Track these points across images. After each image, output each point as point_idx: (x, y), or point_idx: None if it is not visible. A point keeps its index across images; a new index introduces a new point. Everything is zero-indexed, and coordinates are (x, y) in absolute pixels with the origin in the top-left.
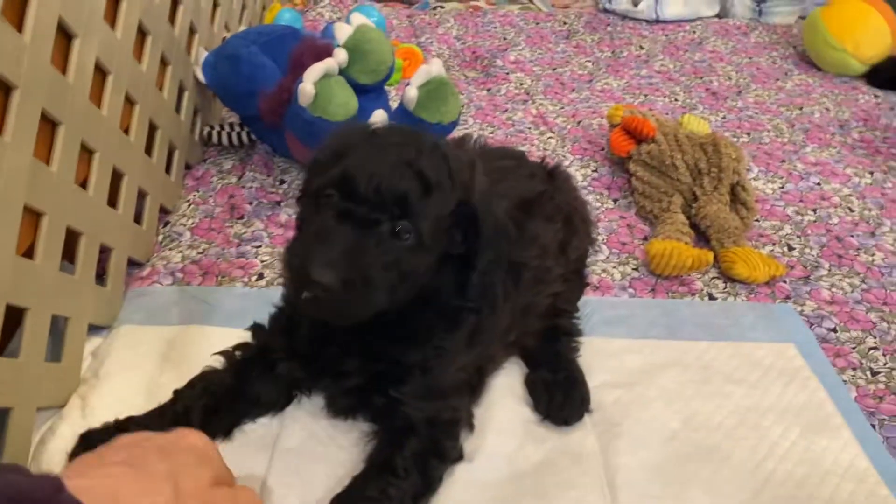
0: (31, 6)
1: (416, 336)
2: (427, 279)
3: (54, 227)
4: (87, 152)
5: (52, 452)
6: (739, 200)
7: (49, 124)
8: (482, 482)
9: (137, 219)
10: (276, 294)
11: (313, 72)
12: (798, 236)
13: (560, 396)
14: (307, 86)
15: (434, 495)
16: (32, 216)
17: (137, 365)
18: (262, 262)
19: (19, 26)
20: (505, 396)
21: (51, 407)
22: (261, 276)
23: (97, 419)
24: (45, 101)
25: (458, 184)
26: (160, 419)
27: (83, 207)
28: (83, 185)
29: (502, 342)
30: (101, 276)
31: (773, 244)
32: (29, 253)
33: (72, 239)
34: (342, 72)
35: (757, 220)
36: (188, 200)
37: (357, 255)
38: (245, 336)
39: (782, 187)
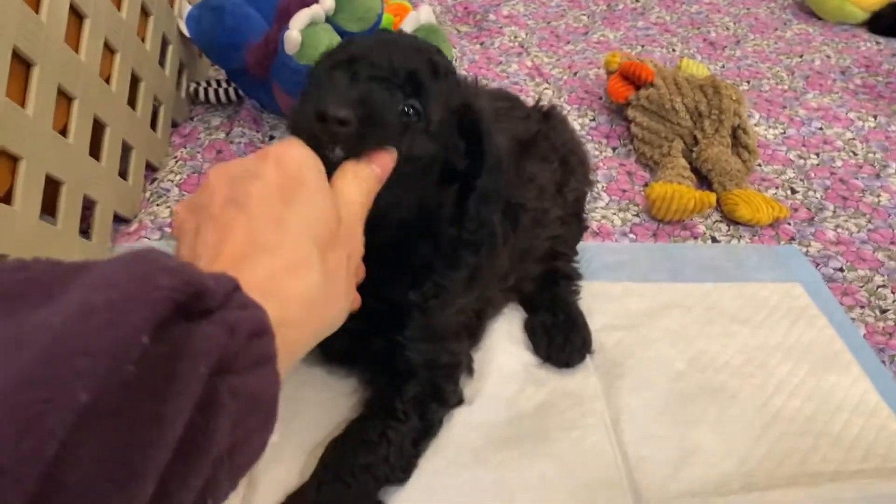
0: None
1: (415, 274)
2: (428, 194)
3: (32, 173)
4: (65, 98)
5: None
6: (741, 143)
7: (23, 65)
8: (482, 424)
9: (123, 175)
10: None
11: (299, 19)
12: (801, 180)
13: (560, 339)
14: (293, 33)
15: (434, 438)
16: (9, 161)
17: None
18: None
19: None
20: (504, 341)
21: None
22: None
23: None
24: (16, 39)
25: (463, 86)
26: None
27: (63, 155)
28: (63, 133)
29: (501, 286)
30: (86, 233)
31: (776, 188)
32: (6, 200)
33: (53, 191)
34: (329, 19)
35: (759, 165)
36: (175, 157)
37: (370, 101)
38: None
39: (784, 133)
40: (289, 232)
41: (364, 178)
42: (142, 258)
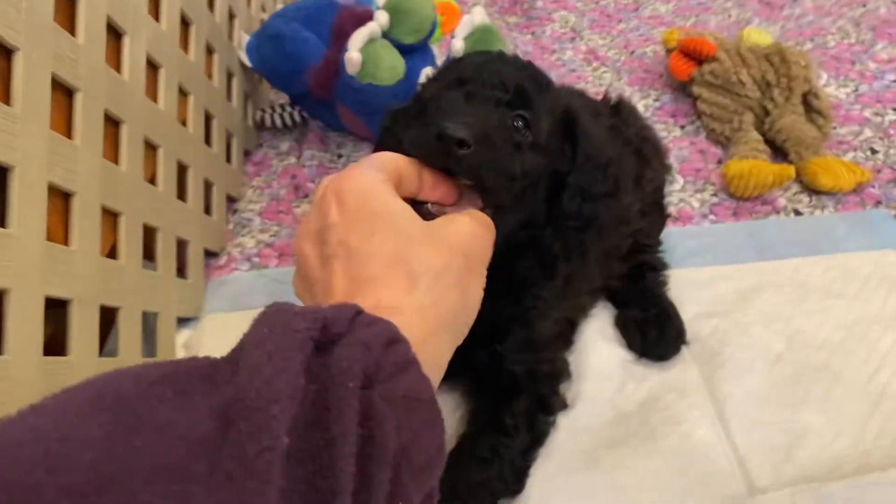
0: (80, 8)
1: (515, 287)
2: (536, 207)
3: (132, 225)
4: (151, 148)
5: None
6: (814, 109)
7: (112, 124)
8: (588, 427)
9: (207, 210)
10: None
11: (357, 38)
12: (880, 138)
13: (654, 333)
14: (353, 54)
15: (542, 448)
16: (110, 217)
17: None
18: None
19: (72, 30)
20: (597, 341)
21: None
22: None
23: None
24: (105, 101)
25: (564, 97)
26: None
27: (155, 203)
28: (152, 181)
29: (590, 290)
30: (181, 271)
31: (855, 150)
32: (112, 254)
33: (149, 237)
34: (385, 35)
35: (834, 128)
36: (252, 186)
37: (486, 119)
38: None
39: (856, 90)
40: (378, 261)
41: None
42: (275, 311)
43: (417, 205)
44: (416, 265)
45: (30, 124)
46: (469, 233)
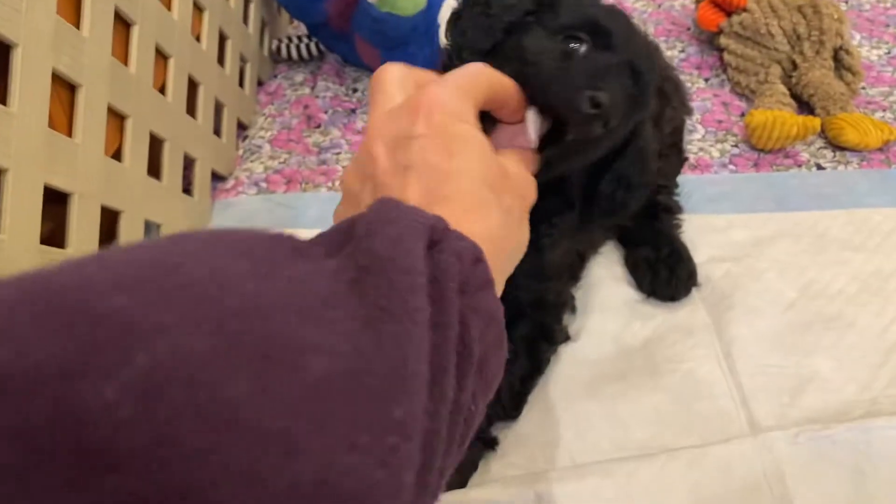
0: None
1: (533, 217)
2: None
3: (139, 130)
4: (162, 57)
5: None
6: (844, 65)
7: (123, 24)
8: (589, 359)
9: (217, 133)
10: None
11: None
12: None
13: (665, 272)
14: None
15: (542, 376)
16: (117, 119)
17: None
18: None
19: None
20: (605, 279)
21: None
22: None
23: None
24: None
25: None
26: None
27: (164, 113)
28: (162, 91)
29: (603, 227)
30: (188, 191)
31: (884, 110)
32: (117, 157)
33: (156, 149)
34: None
35: (863, 88)
36: (264, 114)
37: (618, 93)
38: None
39: (889, 52)
40: (457, 182)
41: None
42: (393, 202)
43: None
44: (492, 196)
45: (36, 1)
46: (526, 177)
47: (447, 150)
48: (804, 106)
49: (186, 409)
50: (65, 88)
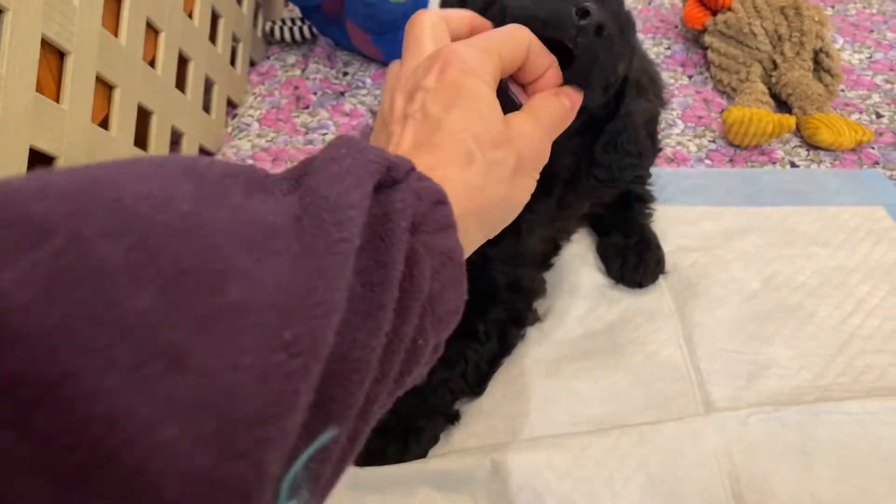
0: None
1: None
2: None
3: (126, 100)
4: (152, 31)
5: None
6: (823, 67)
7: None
8: (554, 339)
9: (207, 110)
10: None
11: None
12: (888, 104)
13: (633, 259)
14: None
15: (509, 357)
16: (105, 88)
17: None
18: None
19: None
20: (576, 263)
21: None
22: None
23: None
24: None
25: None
26: None
27: (152, 85)
28: (152, 65)
29: (578, 215)
30: None
31: (860, 112)
32: (105, 126)
33: (144, 121)
34: None
35: (842, 90)
36: (254, 93)
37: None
38: None
39: (870, 57)
40: (447, 132)
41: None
42: (349, 140)
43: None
44: (477, 149)
45: None
46: (532, 135)
47: (447, 103)
48: (783, 105)
49: (83, 308)
50: (54, 55)
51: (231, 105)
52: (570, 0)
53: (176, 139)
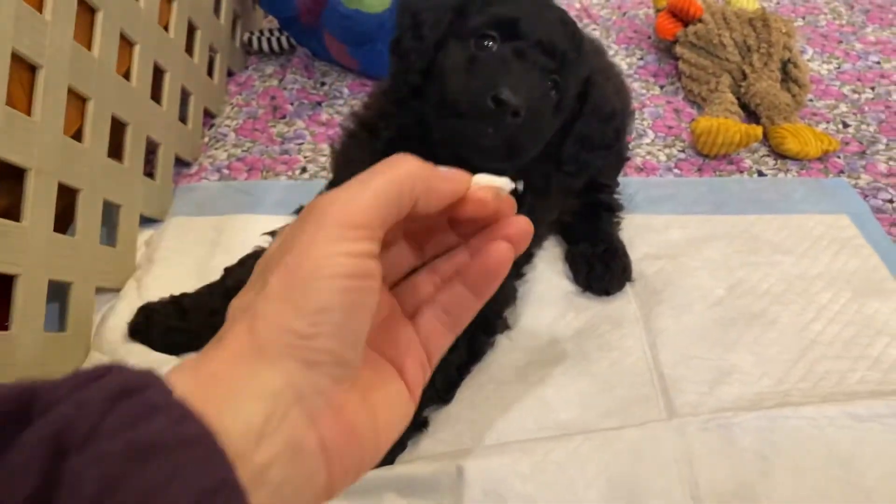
0: None
1: None
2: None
3: (100, 112)
4: (127, 43)
5: (112, 328)
6: (791, 78)
7: (87, 10)
8: (522, 347)
9: (183, 120)
10: (319, 185)
11: None
12: (854, 114)
13: (600, 267)
14: None
15: (477, 364)
16: (78, 101)
17: (189, 251)
18: (305, 157)
19: None
20: (545, 272)
21: (109, 290)
22: (304, 170)
23: (153, 297)
24: None
25: (591, 60)
26: (210, 296)
27: (127, 97)
28: (126, 77)
29: (548, 223)
30: (151, 176)
31: (828, 122)
32: (78, 138)
33: (118, 132)
34: None
35: (810, 100)
36: (231, 104)
37: (534, 88)
38: (291, 220)
39: (838, 67)
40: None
41: None
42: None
43: None
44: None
45: None
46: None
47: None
48: (752, 115)
49: None
50: (25, 70)
51: (209, 115)
52: (488, 80)
53: (152, 149)
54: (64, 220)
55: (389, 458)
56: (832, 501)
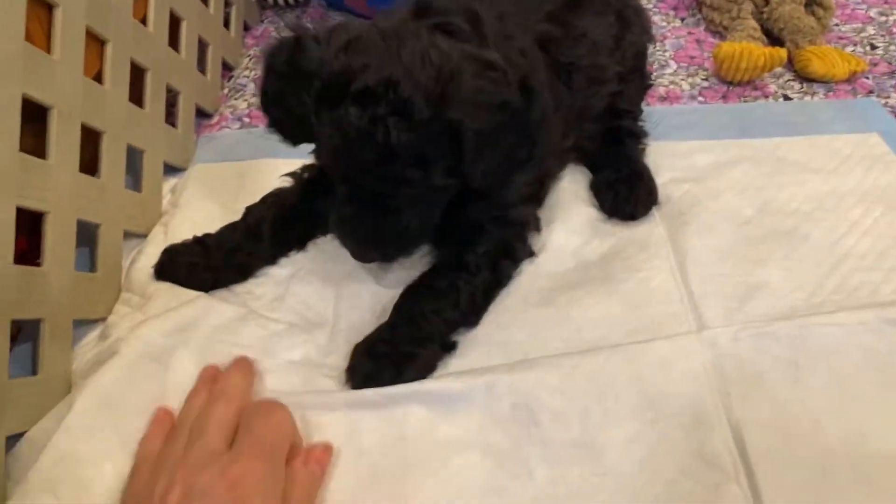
0: None
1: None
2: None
3: (118, 56)
4: None
5: (141, 269)
6: (815, 1)
7: None
8: (548, 273)
9: (202, 71)
10: None
11: None
12: (882, 35)
13: (625, 191)
14: None
15: (503, 289)
16: (96, 43)
17: (213, 195)
18: None
19: None
20: (570, 200)
21: (136, 235)
22: None
23: (179, 240)
24: None
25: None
26: (232, 234)
27: (145, 42)
28: (143, 22)
29: (559, 149)
30: (173, 126)
31: (854, 45)
32: (98, 80)
33: (138, 78)
34: None
35: (836, 25)
36: (249, 55)
37: (383, 231)
38: (310, 162)
39: None
40: None
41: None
42: None
43: None
44: None
45: None
46: None
47: None
48: (775, 41)
49: None
50: (42, 7)
51: (227, 67)
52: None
53: (173, 101)
54: (91, 170)
55: (419, 377)
56: (867, 405)
